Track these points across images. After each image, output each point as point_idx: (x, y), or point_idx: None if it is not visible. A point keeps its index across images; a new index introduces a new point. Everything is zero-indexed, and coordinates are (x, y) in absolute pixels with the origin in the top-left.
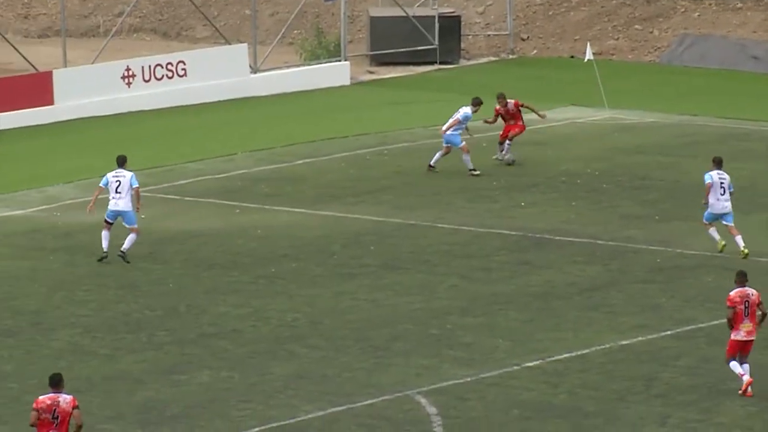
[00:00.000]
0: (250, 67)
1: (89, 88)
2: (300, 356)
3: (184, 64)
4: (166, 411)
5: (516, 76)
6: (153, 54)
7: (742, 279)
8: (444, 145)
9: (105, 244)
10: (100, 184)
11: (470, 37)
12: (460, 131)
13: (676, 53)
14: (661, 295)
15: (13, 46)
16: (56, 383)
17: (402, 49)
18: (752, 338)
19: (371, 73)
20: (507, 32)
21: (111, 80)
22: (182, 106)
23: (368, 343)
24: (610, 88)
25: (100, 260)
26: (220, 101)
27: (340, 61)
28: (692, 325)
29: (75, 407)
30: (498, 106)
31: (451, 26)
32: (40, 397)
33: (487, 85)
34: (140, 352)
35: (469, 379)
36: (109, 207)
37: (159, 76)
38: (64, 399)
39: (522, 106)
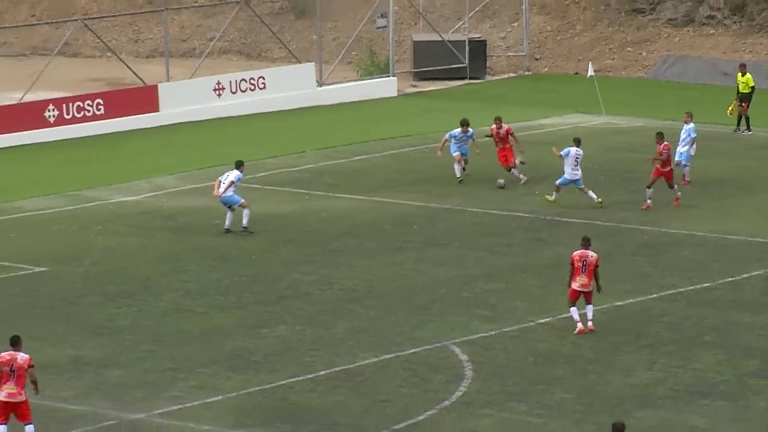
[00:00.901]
0: (317, 81)
1: (187, 99)
2: (358, 314)
3: (264, 79)
4: (250, 357)
5: (531, 89)
6: (239, 71)
7: (585, 243)
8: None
9: (227, 223)
10: (224, 179)
11: (494, 57)
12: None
13: (660, 70)
14: (647, 266)
15: (126, 65)
16: (14, 343)
17: (439, 67)
18: (587, 289)
19: (414, 86)
20: (524, 53)
21: (205, 92)
22: (262, 113)
23: (413, 304)
24: (606, 98)
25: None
26: (292, 109)
27: (388, 77)
28: (673, 290)
29: (31, 366)
30: (494, 126)
31: (478, 49)
32: (2, 354)
33: (507, 96)
34: (230, 310)
35: (493, 333)
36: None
37: (243, 89)
38: (22, 357)
39: (512, 134)
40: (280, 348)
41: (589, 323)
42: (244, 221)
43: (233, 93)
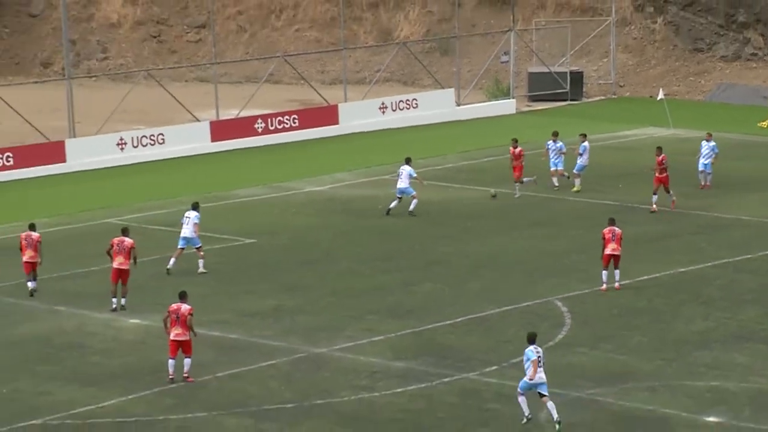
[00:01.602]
0: (455, 102)
1: (360, 114)
2: (485, 276)
3: (417, 100)
4: (404, 308)
5: (616, 108)
6: (397, 95)
7: (612, 221)
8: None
9: (392, 204)
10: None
11: (588, 84)
12: None
13: (715, 95)
14: (704, 242)
15: (315, 89)
16: (182, 296)
17: (547, 92)
18: (617, 253)
19: (528, 106)
20: (611, 81)
21: (373, 110)
22: (414, 126)
23: (526, 269)
24: (673, 115)
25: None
26: (437, 123)
27: (509, 99)
28: (723, 260)
29: (191, 314)
30: (512, 148)
31: (577, 78)
32: (173, 305)
33: (598, 114)
34: (389, 273)
35: (586, 291)
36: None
37: (401, 108)
38: (185, 307)
39: (522, 155)
40: (427, 301)
41: (616, 284)
42: (411, 207)
43: (394, 111)
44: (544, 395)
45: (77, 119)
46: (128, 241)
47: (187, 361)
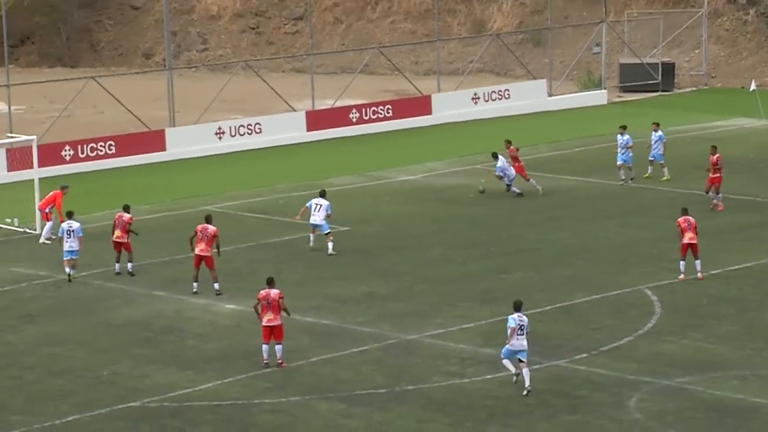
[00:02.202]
0: (547, 93)
1: (453, 105)
2: (575, 264)
3: (509, 91)
4: (494, 295)
5: (708, 99)
6: (490, 85)
7: (684, 211)
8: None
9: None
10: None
11: (680, 75)
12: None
13: None
14: None
15: (408, 80)
16: (270, 282)
17: (638, 83)
18: (694, 242)
19: (619, 97)
20: (702, 73)
21: (465, 100)
22: (505, 117)
23: (615, 258)
24: (765, 107)
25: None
26: (528, 113)
27: (600, 90)
28: None
29: (281, 298)
30: (506, 148)
31: (668, 69)
32: (261, 291)
33: (689, 105)
34: (480, 260)
35: (675, 281)
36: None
37: (494, 98)
38: (274, 292)
39: (517, 151)
40: (516, 288)
41: (699, 274)
42: (514, 189)
43: (486, 101)
44: (522, 361)
45: (177, 109)
46: (211, 228)
47: (278, 348)
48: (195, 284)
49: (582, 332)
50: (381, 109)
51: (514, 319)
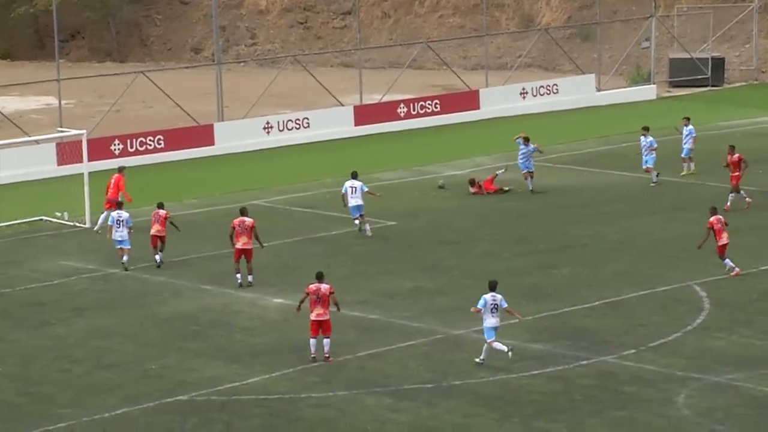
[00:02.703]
0: (596, 87)
1: (500, 100)
2: (622, 260)
3: (557, 86)
4: (542, 291)
5: (758, 94)
6: (538, 80)
7: (713, 211)
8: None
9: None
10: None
11: (730, 70)
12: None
13: None
14: None
15: (456, 75)
16: (319, 277)
17: (688, 78)
18: (727, 242)
19: (668, 92)
20: (753, 67)
21: (513, 95)
22: (553, 111)
23: (663, 253)
24: None
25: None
26: (577, 108)
27: (650, 84)
28: None
29: (332, 293)
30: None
31: (718, 64)
32: (310, 286)
33: (739, 100)
34: (527, 255)
35: (724, 276)
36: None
37: (542, 93)
38: (324, 286)
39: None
40: (564, 284)
41: (736, 269)
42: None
43: (534, 96)
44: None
45: (225, 103)
46: (248, 220)
47: (326, 342)
48: (238, 275)
49: (630, 328)
50: (429, 104)
51: (485, 299)
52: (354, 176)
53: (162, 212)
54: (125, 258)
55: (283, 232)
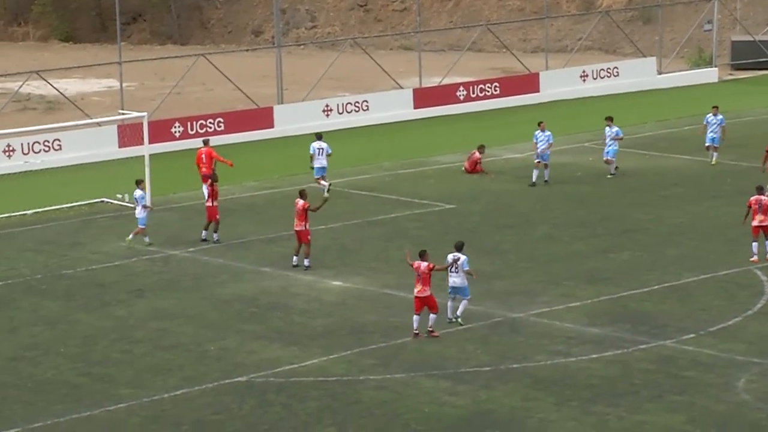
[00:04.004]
0: (657, 70)
1: (561, 83)
2: (683, 244)
3: (618, 69)
4: (601, 275)
5: None
6: (598, 63)
7: (759, 190)
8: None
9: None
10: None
11: None
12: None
13: None
14: None
15: (516, 58)
16: (421, 255)
17: (750, 60)
18: (765, 224)
19: (731, 75)
20: None
21: (574, 78)
22: (614, 94)
23: (725, 237)
24: None
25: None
26: (637, 91)
27: (711, 68)
28: None
29: (430, 270)
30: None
31: None
32: (414, 262)
33: None
34: (587, 239)
35: None
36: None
37: (602, 76)
38: (424, 264)
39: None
40: (624, 268)
41: (754, 256)
42: (612, 169)
43: (594, 79)
44: (465, 299)
45: (285, 86)
46: (300, 202)
47: (432, 317)
48: (294, 258)
49: (690, 312)
50: (488, 87)
51: (447, 258)
52: (319, 137)
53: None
54: (146, 238)
55: (343, 215)
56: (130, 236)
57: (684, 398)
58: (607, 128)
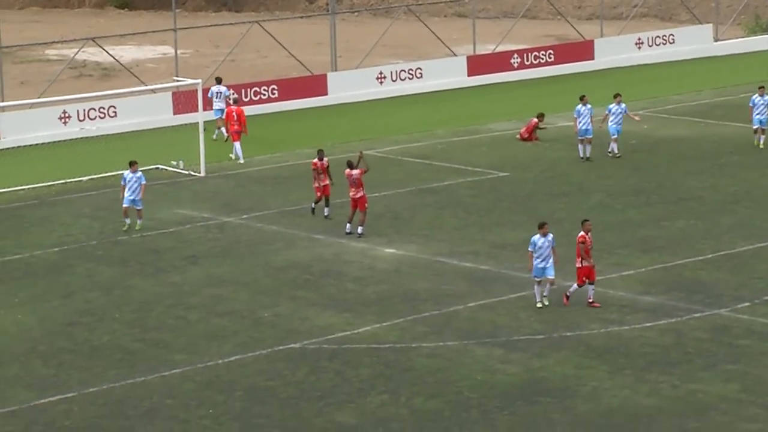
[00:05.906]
0: (713, 38)
1: (616, 50)
2: (738, 212)
3: (673, 36)
4: (655, 243)
5: None
6: (653, 30)
7: None
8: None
9: (582, 152)
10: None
11: None
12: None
13: None
14: None
15: (570, 24)
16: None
17: None
18: None
19: None
20: None
21: (629, 45)
22: (669, 62)
23: None
24: None
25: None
26: (693, 59)
27: None
28: None
29: (581, 241)
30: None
31: None
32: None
33: None
34: (641, 207)
35: None
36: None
37: (658, 44)
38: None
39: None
40: (678, 236)
41: None
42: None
43: (650, 46)
44: (551, 278)
45: (339, 53)
46: (355, 172)
47: (590, 288)
48: (348, 225)
49: (744, 281)
50: (543, 54)
51: (537, 239)
52: (218, 81)
53: (324, 161)
54: (139, 221)
55: (395, 183)
56: (138, 222)
57: (738, 367)
58: (615, 105)
